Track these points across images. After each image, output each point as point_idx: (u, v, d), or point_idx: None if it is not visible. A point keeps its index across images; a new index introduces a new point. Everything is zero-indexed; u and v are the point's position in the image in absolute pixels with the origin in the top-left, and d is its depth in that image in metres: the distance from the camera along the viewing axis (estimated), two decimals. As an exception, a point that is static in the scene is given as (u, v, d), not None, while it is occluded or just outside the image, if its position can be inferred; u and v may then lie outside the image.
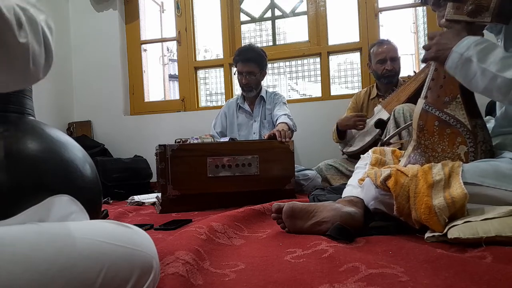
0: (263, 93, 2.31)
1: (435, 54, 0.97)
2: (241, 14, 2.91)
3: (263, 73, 2.26)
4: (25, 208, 0.49)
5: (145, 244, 0.52)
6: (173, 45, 3.50)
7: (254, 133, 2.29)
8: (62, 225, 0.47)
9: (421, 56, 3.04)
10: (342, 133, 2.15)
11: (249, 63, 2.17)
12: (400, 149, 1.21)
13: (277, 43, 2.89)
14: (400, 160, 1.11)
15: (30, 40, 0.44)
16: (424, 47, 1.02)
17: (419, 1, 1.12)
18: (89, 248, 0.45)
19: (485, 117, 1.21)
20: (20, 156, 0.53)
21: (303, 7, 2.82)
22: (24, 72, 0.46)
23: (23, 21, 0.43)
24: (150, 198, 2.01)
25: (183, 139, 1.82)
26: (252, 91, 2.26)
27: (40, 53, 0.47)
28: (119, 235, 0.50)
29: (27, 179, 0.52)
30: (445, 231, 0.78)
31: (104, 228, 0.50)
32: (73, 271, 0.42)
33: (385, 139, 1.92)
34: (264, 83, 2.38)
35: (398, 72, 2.08)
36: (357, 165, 1.24)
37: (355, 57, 2.82)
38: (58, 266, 0.41)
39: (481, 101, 1.04)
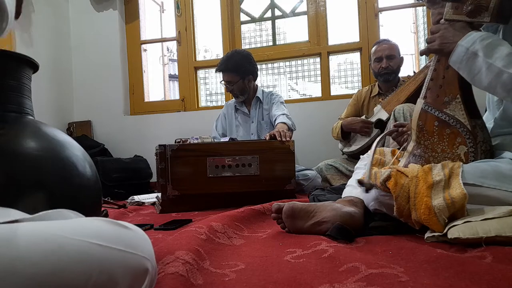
0: (259, 94, 2.29)
1: (439, 46, 0.95)
2: (241, 14, 2.91)
3: (247, 79, 2.20)
4: (23, 208, 0.48)
5: (140, 245, 0.49)
6: (173, 45, 3.50)
7: (252, 134, 2.28)
8: (50, 225, 0.44)
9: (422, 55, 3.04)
10: (346, 133, 2.17)
11: (226, 72, 2.18)
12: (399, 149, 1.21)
13: (277, 43, 2.89)
14: (399, 160, 1.11)
15: None
16: (427, 40, 1.00)
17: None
18: (78, 250, 0.42)
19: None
20: (18, 155, 0.53)
21: (303, 7, 2.81)
22: None
23: None
24: (150, 198, 2.01)
25: (183, 139, 1.82)
26: (239, 97, 2.26)
27: None
28: (110, 235, 0.47)
29: (25, 178, 0.52)
30: (445, 231, 0.78)
31: (94, 227, 0.47)
32: (62, 276, 0.40)
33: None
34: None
35: (394, 70, 2.08)
36: (357, 165, 1.24)
37: (355, 57, 2.82)
38: (46, 271, 0.39)
39: (481, 101, 1.04)
